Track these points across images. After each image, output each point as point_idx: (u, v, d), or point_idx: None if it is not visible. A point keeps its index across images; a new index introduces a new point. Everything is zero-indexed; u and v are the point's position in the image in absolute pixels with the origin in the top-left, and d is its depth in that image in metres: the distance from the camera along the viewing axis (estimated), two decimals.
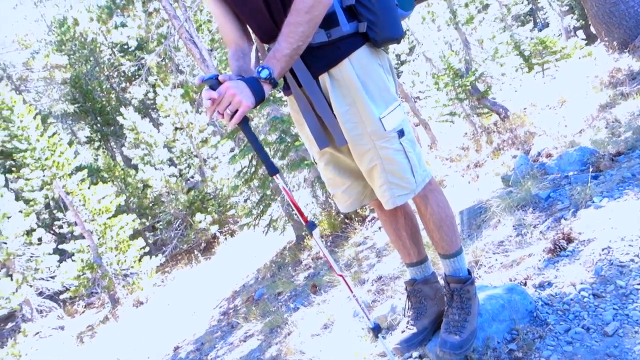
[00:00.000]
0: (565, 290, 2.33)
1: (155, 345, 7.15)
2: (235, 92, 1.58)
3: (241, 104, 1.59)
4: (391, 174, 1.87)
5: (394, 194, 1.89)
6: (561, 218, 3.15)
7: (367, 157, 1.87)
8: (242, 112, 1.61)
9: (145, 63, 11.56)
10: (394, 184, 1.88)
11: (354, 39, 1.84)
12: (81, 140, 24.05)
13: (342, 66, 1.81)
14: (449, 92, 10.67)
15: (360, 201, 2.10)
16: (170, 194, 15.29)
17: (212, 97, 1.60)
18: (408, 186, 1.91)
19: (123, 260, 12.05)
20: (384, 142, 1.84)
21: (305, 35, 1.67)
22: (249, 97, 1.60)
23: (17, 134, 11.94)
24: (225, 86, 1.60)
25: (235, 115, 1.60)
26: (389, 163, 1.86)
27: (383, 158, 1.85)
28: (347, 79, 1.81)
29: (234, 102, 1.59)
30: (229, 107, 1.59)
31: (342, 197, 2.10)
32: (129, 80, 21.19)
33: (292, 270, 7.02)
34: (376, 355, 2.58)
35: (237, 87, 1.60)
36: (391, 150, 1.85)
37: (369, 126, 1.83)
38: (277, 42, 1.66)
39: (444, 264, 2.17)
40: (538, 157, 5.25)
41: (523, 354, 2.04)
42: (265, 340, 4.49)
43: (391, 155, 1.86)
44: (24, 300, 11.05)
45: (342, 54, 1.81)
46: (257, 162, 8.11)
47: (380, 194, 1.92)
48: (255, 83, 1.63)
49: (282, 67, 1.67)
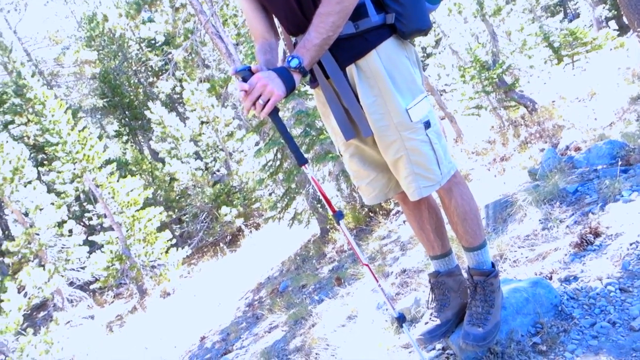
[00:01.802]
0: (592, 284, 2.31)
1: (182, 335, 7.29)
2: (266, 82, 1.61)
3: (273, 93, 1.62)
4: (417, 165, 1.88)
5: (419, 185, 1.90)
6: (589, 212, 3.10)
7: (393, 148, 1.88)
8: (274, 102, 1.64)
9: (172, 58, 11.71)
10: (419, 175, 1.89)
11: (382, 30, 1.85)
12: (110, 134, 24.52)
13: (370, 57, 1.83)
14: (476, 84, 10.54)
15: (385, 194, 2.11)
16: (197, 187, 15.49)
17: (244, 88, 1.63)
18: (433, 177, 1.91)
19: (150, 252, 12.28)
20: (410, 133, 1.85)
21: (336, 26, 1.69)
22: (280, 86, 1.63)
23: (48, 127, 12.24)
24: (257, 77, 1.63)
25: (267, 105, 1.63)
26: (414, 154, 1.87)
27: (409, 149, 1.86)
28: (374, 70, 1.82)
29: (266, 92, 1.62)
30: (260, 97, 1.62)
31: (367, 190, 2.11)
32: (156, 74, 21.49)
33: (316, 263, 7.06)
34: (399, 347, 2.60)
35: (268, 77, 1.62)
36: (417, 141, 1.86)
37: (395, 117, 1.83)
38: (307, 32, 1.68)
39: (467, 256, 2.17)
40: (566, 150, 5.17)
41: (547, 347, 2.03)
42: (290, 331, 4.54)
43: (417, 147, 1.86)
44: (55, 289, 11.35)
45: (369, 46, 1.82)
46: (282, 155, 8.16)
47: (406, 185, 1.93)
48: (286, 72, 1.66)
49: (312, 56, 1.69)
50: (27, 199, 12.05)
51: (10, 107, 18.22)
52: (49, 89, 15.86)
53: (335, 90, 1.92)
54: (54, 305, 12.33)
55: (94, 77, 22.09)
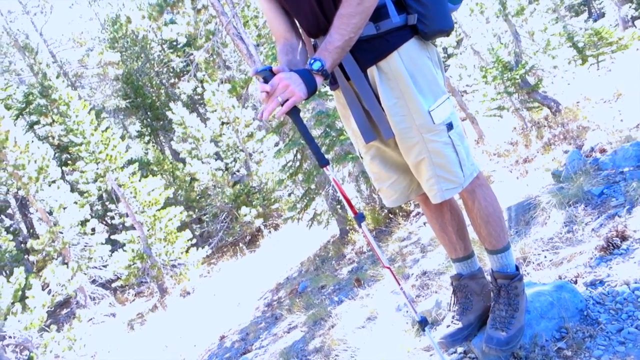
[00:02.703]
0: (619, 289, 2.25)
1: (201, 334, 7.34)
2: (288, 83, 1.60)
3: (294, 93, 1.60)
4: (439, 167, 1.86)
5: (441, 188, 1.88)
6: (615, 215, 3.04)
7: (415, 150, 1.86)
8: (293, 102, 1.62)
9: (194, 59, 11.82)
10: (441, 178, 1.87)
11: (403, 31, 1.83)
12: (132, 135, 24.83)
13: (391, 59, 1.81)
14: (497, 85, 10.42)
15: (407, 196, 2.09)
16: (217, 188, 15.60)
17: (265, 89, 1.62)
18: (456, 180, 1.89)
19: (171, 251, 12.41)
20: (433, 135, 1.83)
21: (357, 27, 1.68)
22: (302, 88, 1.62)
23: (72, 128, 12.46)
24: (279, 77, 1.62)
25: (286, 104, 1.62)
26: (437, 156, 1.85)
27: (431, 151, 1.84)
28: (396, 72, 1.81)
29: (287, 92, 1.60)
30: (280, 95, 1.61)
31: (388, 192, 2.10)
32: (178, 76, 21.71)
33: (335, 264, 7.05)
34: (420, 349, 2.57)
35: (290, 78, 1.61)
36: (440, 143, 1.84)
37: (417, 119, 1.82)
38: (329, 34, 1.67)
39: (491, 259, 2.13)
40: (591, 152, 5.08)
41: (572, 352, 1.99)
42: (309, 332, 4.53)
43: (439, 149, 1.84)
44: (78, 287, 11.55)
45: (391, 47, 1.81)
46: (302, 156, 8.17)
47: (428, 187, 1.91)
48: (308, 74, 1.64)
49: (334, 59, 1.68)
50: (51, 198, 12.28)
51: (36, 107, 18.63)
52: (73, 90, 16.15)
53: (355, 92, 1.91)
54: (77, 303, 12.53)
55: (117, 78, 22.41)
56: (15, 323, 7.96)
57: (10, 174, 11.96)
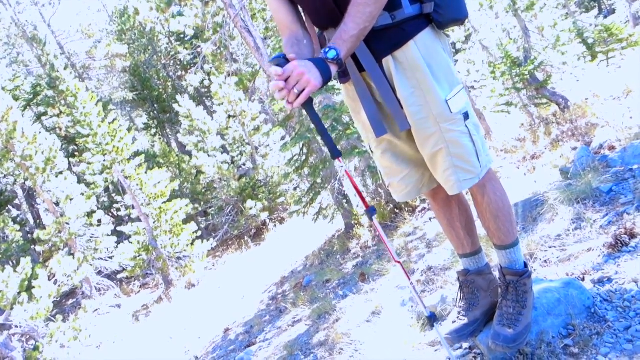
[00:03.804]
0: (627, 286, 2.23)
1: (206, 326, 7.37)
2: (303, 71, 1.56)
3: (309, 82, 1.56)
4: (457, 157, 1.84)
5: (459, 179, 1.86)
6: (624, 212, 3.01)
7: (432, 141, 1.84)
8: (309, 92, 1.58)
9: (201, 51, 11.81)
10: (459, 168, 1.85)
11: (418, 21, 1.82)
12: (139, 127, 24.90)
13: (407, 48, 1.79)
14: (506, 81, 10.35)
15: (418, 190, 2.07)
16: (223, 181, 15.62)
17: (278, 73, 1.57)
18: (473, 170, 1.87)
19: (176, 244, 12.45)
20: (450, 125, 1.82)
21: (372, 16, 1.66)
22: (317, 76, 1.58)
23: (80, 119, 12.50)
24: (294, 65, 1.58)
25: (302, 95, 1.58)
26: (454, 146, 1.83)
27: (449, 141, 1.83)
28: (412, 61, 1.79)
29: (302, 80, 1.56)
30: (296, 86, 1.57)
31: (399, 186, 2.06)
32: (185, 68, 21.71)
33: (340, 258, 7.05)
34: (425, 345, 2.56)
35: (305, 67, 1.58)
36: (457, 132, 1.83)
37: (434, 109, 1.80)
38: (344, 23, 1.65)
39: (499, 255, 2.11)
40: (600, 149, 5.03)
41: (579, 350, 1.98)
42: (313, 325, 4.54)
43: (457, 138, 1.83)
44: (84, 278, 11.61)
45: (407, 36, 1.79)
46: (308, 150, 8.16)
47: (445, 179, 1.89)
48: (322, 63, 1.61)
49: (349, 48, 1.66)
50: (58, 189, 12.33)
51: (44, 99, 18.69)
52: (80, 81, 16.20)
53: (368, 85, 1.89)
54: (83, 294, 12.61)
55: (125, 70, 22.46)
56: (21, 313, 8.02)
57: (18, 164, 12.02)
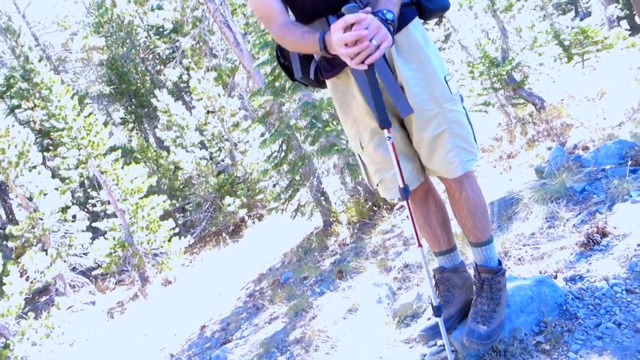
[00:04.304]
0: (598, 284, 2.27)
1: (182, 323, 7.31)
2: (380, 25, 1.50)
3: (387, 37, 1.50)
4: (459, 138, 1.88)
5: (462, 159, 1.89)
6: (596, 212, 3.06)
7: (434, 123, 1.85)
8: (386, 47, 1.51)
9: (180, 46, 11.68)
10: (462, 149, 1.89)
11: (410, 8, 1.87)
12: (116, 121, 24.52)
13: (407, 31, 1.83)
14: (484, 81, 10.44)
15: (411, 183, 2.02)
16: (201, 177, 15.49)
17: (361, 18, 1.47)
18: (473, 150, 1.92)
19: (153, 240, 12.30)
20: (452, 105, 1.85)
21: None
22: (389, 34, 1.52)
23: (55, 113, 12.24)
24: (370, 17, 1.50)
25: (379, 49, 1.49)
26: (457, 126, 1.86)
27: (451, 121, 1.85)
28: (413, 43, 1.83)
29: (380, 34, 1.49)
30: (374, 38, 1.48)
31: (391, 182, 2.01)
32: (164, 62, 21.43)
33: (318, 255, 7.04)
34: (400, 342, 2.58)
35: (379, 22, 1.51)
36: (458, 112, 1.87)
37: (437, 89, 1.83)
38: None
39: (474, 252, 2.13)
40: (574, 149, 5.13)
41: (551, 346, 2.01)
42: (290, 322, 4.53)
43: (458, 118, 1.87)
44: (57, 274, 11.39)
45: (406, 20, 1.83)
46: (287, 147, 8.13)
47: (448, 161, 1.90)
48: (385, 24, 1.54)
49: (397, 12, 1.63)
50: (31, 183, 12.09)
51: (18, 91, 18.26)
52: (56, 74, 15.87)
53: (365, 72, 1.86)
54: (56, 290, 12.39)
55: (102, 63, 22.07)
56: None
57: None
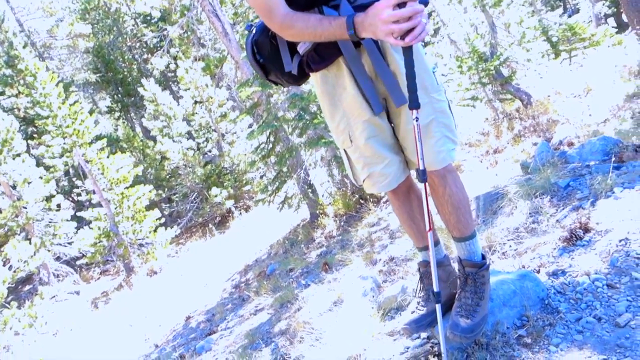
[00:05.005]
0: (579, 279, 2.30)
1: (167, 314, 7.29)
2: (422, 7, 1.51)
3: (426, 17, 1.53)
4: (445, 127, 1.93)
5: (448, 148, 1.94)
6: (579, 207, 3.09)
7: (424, 112, 1.86)
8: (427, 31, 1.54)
9: (168, 35, 11.55)
10: (448, 138, 1.94)
11: None
12: (102, 110, 24.23)
13: None
14: (472, 76, 10.48)
15: (397, 179, 2.04)
16: (188, 167, 15.40)
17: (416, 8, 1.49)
18: (456, 139, 1.98)
19: (139, 230, 12.22)
20: (439, 95, 1.91)
21: None
22: None
23: (39, 100, 12.07)
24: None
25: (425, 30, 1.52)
26: (443, 116, 1.92)
27: (438, 111, 1.90)
28: None
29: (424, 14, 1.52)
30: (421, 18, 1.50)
31: (380, 176, 2.01)
32: (151, 51, 21.19)
33: (304, 247, 7.06)
34: (384, 334, 2.59)
35: None
36: (444, 102, 1.92)
37: (426, 79, 1.87)
38: None
39: (458, 247, 2.14)
40: (560, 145, 5.17)
41: (532, 340, 2.03)
42: (275, 314, 4.54)
43: (444, 108, 1.92)
44: (41, 264, 11.30)
45: None
46: (274, 138, 8.11)
47: (437, 150, 1.92)
48: None
49: None
50: (15, 171, 11.92)
51: (1, 78, 17.93)
52: (41, 61, 15.64)
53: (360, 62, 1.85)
54: (40, 280, 12.27)
55: (88, 51, 21.76)
56: None
57: None
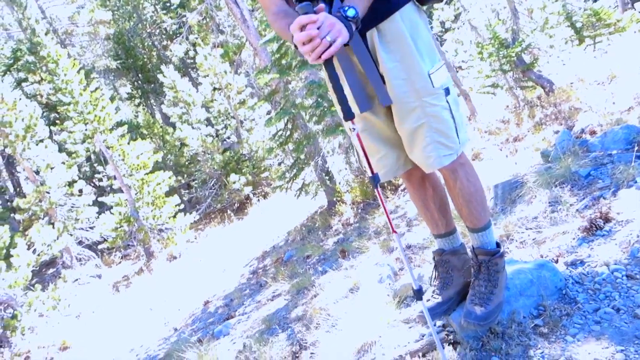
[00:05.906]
0: (598, 269, 2.28)
1: (186, 299, 7.39)
2: (334, 22, 1.52)
3: (341, 33, 1.52)
4: (438, 132, 1.85)
5: (439, 154, 1.87)
6: (600, 197, 3.05)
7: (413, 115, 1.83)
8: (341, 43, 1.53)
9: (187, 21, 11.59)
10: (439, 144, 1.86)
11: None
12: (122, 97, 24.45)
13: (393, 20, 1.78)
14: (493, 62, 10.32)
15: (395, 171, 2.06)
16: (206, 154, 15.51)
17: (313, 20, 1.50)
18: (453, 146, 1.89)
19: (159, 216, 12.38)
20: (433, 99, 1.82)
21: None
22: (345, 30, 1.54)
23: (61, 87, 12.22)
24: (324, 14, 1.53)
25: (333, 45, 1.51)
26: (436, 121, 1.84)
27: (430, 115, 1.83)
28: (398, 33, 1.78)
29: (334, 30, 1.51)
30: (328, 35, 1.50)
31: (377, 167, 2.03)
32: (170, 38, 21.27)
33: (322, 234, 7.08)
34: (399, 322, 2.60)
35: (334, 18, 1.53)
36: (439, 107, 1.83)
37: (418, 82, 1.80)
38: None
39: (471, 237, 2.14)
40: (581, 133, 5.08)
41: (549, 330, 2.02)
42: (292, 300, 4.57)
43: (438, 113, 1.83)
44: (64, 248, 11.54)
45: (393, 8, 1.78)
46: (292, 125, 8.11)
47: (426, 155, 1.88)
48: (344, 20, 1.57)
49: (364, 7, 1.64)
50: (38, 157, 12.15)
51: (24, 64, 18.21)
52: (62, 47, 15.81)
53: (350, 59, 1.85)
54: (63, 263, 12.55)
55: (108, 38, 21.93)
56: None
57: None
